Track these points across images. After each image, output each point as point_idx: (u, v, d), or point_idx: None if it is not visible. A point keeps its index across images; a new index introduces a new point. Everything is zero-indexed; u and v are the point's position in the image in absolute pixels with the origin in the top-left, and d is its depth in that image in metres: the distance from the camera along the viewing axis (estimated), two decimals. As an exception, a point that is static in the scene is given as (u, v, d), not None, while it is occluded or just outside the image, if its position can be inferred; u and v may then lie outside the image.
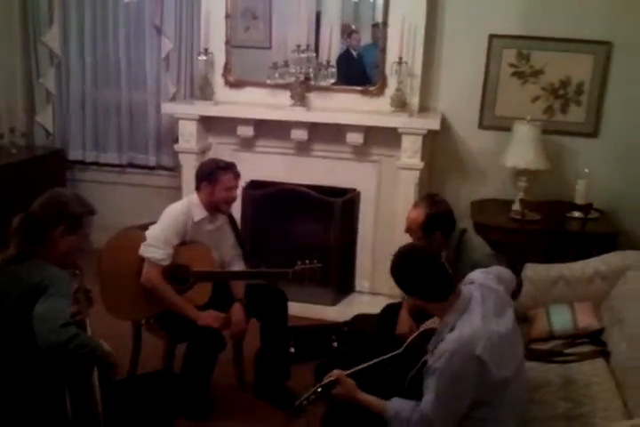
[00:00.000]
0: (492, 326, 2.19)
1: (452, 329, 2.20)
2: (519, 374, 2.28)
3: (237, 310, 3.19)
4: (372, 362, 2.52)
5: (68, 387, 2.16)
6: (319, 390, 2.36)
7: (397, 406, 2.26)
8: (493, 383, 2.15)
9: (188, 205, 3.21)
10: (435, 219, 2.93)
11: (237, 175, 3.24)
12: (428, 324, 2.62)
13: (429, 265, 2.27)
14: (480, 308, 2.22)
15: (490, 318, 2.20)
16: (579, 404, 2.51)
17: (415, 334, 2.60)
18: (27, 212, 2.31)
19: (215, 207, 3.22)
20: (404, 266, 2.31)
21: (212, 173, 3.17)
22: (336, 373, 2.40)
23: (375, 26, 4.46)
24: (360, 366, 2.48)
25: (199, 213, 3.20)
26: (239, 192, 3.44)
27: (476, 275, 2.40)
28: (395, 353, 2.57)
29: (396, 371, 2.56)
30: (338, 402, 2.42)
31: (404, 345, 2.59)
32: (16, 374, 2.17)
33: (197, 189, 3.24)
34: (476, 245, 3.00)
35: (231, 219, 3.39)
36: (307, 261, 3.20)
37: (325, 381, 2.38)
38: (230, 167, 3.22)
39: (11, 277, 2.21)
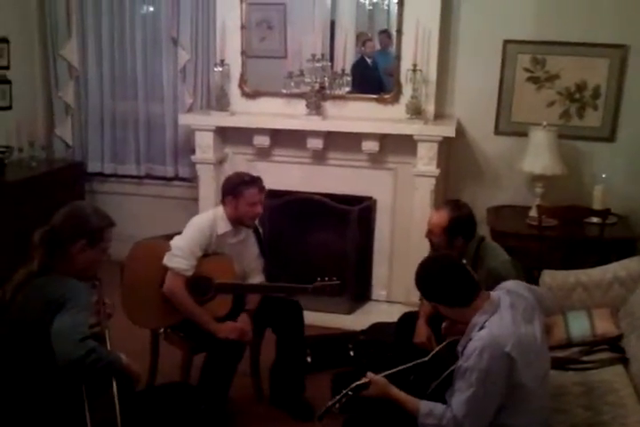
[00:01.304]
0: (521, 329, 2.19)
1: (480, 328, 2.21)
2: (545, 382, 2.27)
3: (244, 321, 3.19)
4: (402, 367, 2.52)
5: (88, 400, 2.17)
6: (350, 392, 2.37)
7: (432, 405, 2.27)
8: (521, 385, 2.14)
9: (213, 217, 3.22)
10: (459, 222, 2.93)
11: (262, 190, 3.23)
12: (444, 327, 2.62)
13: (452, 270, 2.31)
14: (509, 311, 2.23)
15: (519, 322, 2.21)
16: (598, 412, 2.49)
17: (443, 344, 2.59)
18: (48, 226, 2.33)
19: (239, 221, 3.23)
20: (428, 274, 2.35)
21: (237, 188, 3.18)
22: (368, 375, 2.40)
23: (382, 32, 4.48)
24: (390, 371, 2.47)
25: (223, 226, 3.21)
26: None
27: (508, 283, 2.42)
28: (421, 361, 2.56)
29: (419, 379, 2.55)
30: (366, 405, 2.42)
31: (431, 354, 2.58)
32: (36, 387, 2.19)
33: (223, 202, 3.25)
34: (493, 252, 2.99)
35: (256, 231, 3.41)
36: (326, 278, 3.18)
37: (356, 383, 2.38)
38: (255, 182, 3.21)
39: (32, 292, 2.23)
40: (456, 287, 2.28)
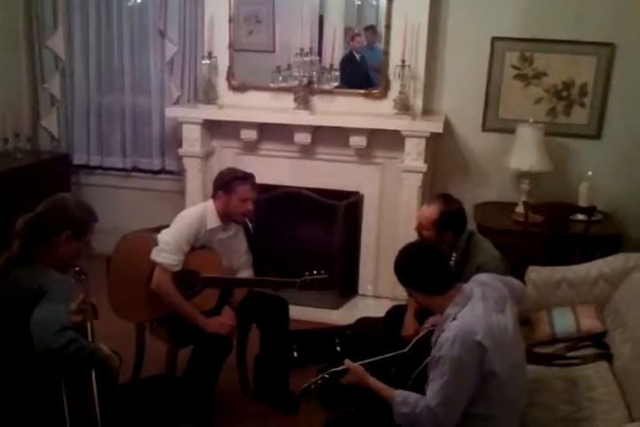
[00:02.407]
0: (492, 318, 2.21)
1: (453, 319, 2.23)
2: (519, 373, 2.28)
3: (227, 314, 3.18)
4: (380, 358, 2.56)
5: (66, 391, 2.16)
6: (327, 375, 2.40)
7: (405, 393, 2.29)
8: (493, 375, 2.16)
9: (202, 212, 3.20)
10: (450, 217, 2.94)
11: (254, 187, 3.21)
12: (431, 321, 2.63)
13: (429, 256, 2.35)
14: (481, 302, 2.25)
15: (491, 312, 2.23)
16: (581, 407, 2.52)
17: (421, 335, 2.61)
18: (33, 214, 2.32)
19: (229, 217, 3.21)
20: (406, 258, 2.38)
21: (229, 183, 3.16)
22: (346, 362, 2.42)
23: (368, 28, 4.48)
24: (368, 360, 2.50)
25: (213, 221, 3.19)
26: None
27: (481, 276, 2.44)
28: (400, 352, 2.60)
29: (399, 371, 2.57)
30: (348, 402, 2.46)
31: (410, 345, 2.62)
32: (14, 377, 2.18)
33: (214, 197, 3.22)
34: (483, 247, 3.00)
35: (245, 226, 3.39)
36: (314, 272, 3.18)
37: (333, 369, 2.40)
38: (248, 178, 3.19)
39: (11, 282, 2.21)
40: (432, 274, 2.32)
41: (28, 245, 2.27)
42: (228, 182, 3.17)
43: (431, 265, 2.33)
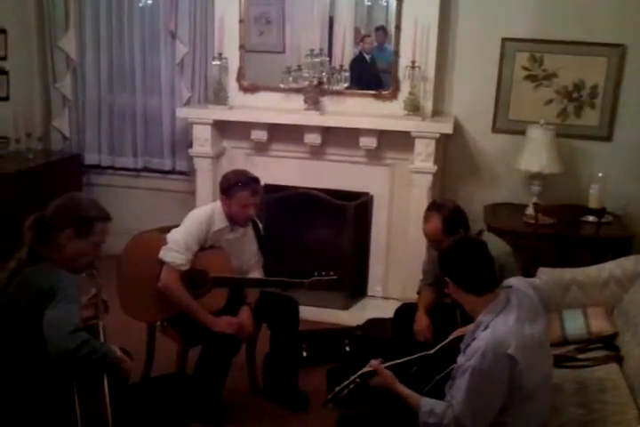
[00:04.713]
0: (525, 330, 2.19)
1: (485, 328, 2.21)
2: (546, 382, 2.27)
3: (245, 314, 3.20)
4: (407, 359, 2.54)
5: (78, 392, 2.16)
6: (358, 379, 2.38)
7: (433, 403, 2.27)
8: (523, 386, 2.14)
9: (211, 212, 3.21)
10: (452, 219, 3.00)
11: (256, 192, 3.19)
12: (460, 331, 2.62)
13: (483, 256, 2.32)
14: (515, 311, 2.22)
15: (524, 323, 2.21)
16: (592, 410, 2.50)
17: (450, 338, 2.60)
18: (40, 213, 2.32)
19: (233, 220, 3.23)
20: (460, 249, 2.35)
21: (230, 189, 3.16)
22: (374, 363, 2.42)
23: (379, 29, 4.48)
24: (394, 362, 2.49)
25: (220, 222, 3.21)
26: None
27: (513, 280, 2.40)
28: (425, 353, 2.58)
29: (421, 372, 2.56)
30: (372, 393, 2.44)
31: (437, 347, 2.59)
32: (26, 378, 2.18)
33: (220, 199, 3.25)
34: (494, 242, 3.01)
35: (255, 227, 3.40)
36: (323, 273, 3.19)
37: (364, 370, 2.40)
38: (249, 184, 3.17)
39: (22, 282, 2.22)
40: (479, 272, 2.28)
41: (34, 242, 2.27)
42: (229, 188, 3.17)
43: (481, 263, 2.30)
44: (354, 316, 4.27)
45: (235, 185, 3.16)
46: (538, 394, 2.20)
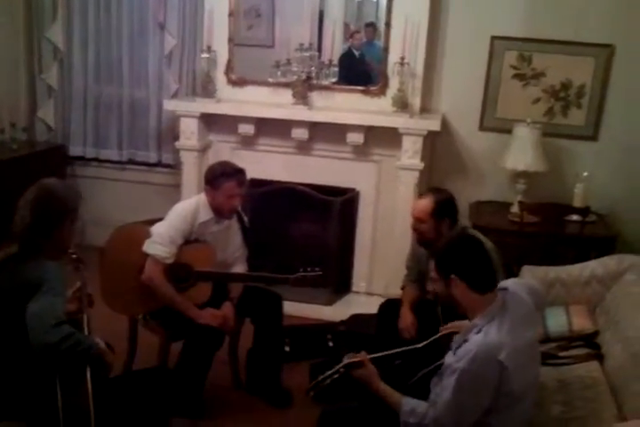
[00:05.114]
0: (517, 337, 2.17)
1: (478, 332, 2.19)
2: (533, 387, 2.27)
3: (227, 309, 3.19)
4: (394, 351, 2.53)
5: (60, 384, 2.16)
6: (342, 369, 2.36)
7: (414, 402, 2.26)
8: (510, 391, 2.13)
9: (196, 204, 3.21)
10: (444, 204, 3.05)
11: (241, 183, 3.19)
12: (452, 325, 2.61)
13: (487, 251, 2.30)
14: (510, 317, 2.20)
15: (517, 329, 2.19)
16: (573, 407, 2.52)
17: (441, 334, 2.59)
18: (30, 212, 2.28)
19: (217, 212, 3.22)
20: (467, 245, 2.31)
21: (216, 179, 3.16)
22: (361, 355, 2.40)
23: (368, 26, 4.48)
24: (381, 353, 2.48)
25: (205, 214, 3.20)
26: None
27: (509, 283, 2.34)
28: (413, 347, 2.57)
29: (405, 365, 2.56)
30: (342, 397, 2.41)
31: (426, 342, 2.59)
32: (8, 369, 2.18)
33: (205, 190, 3.24)
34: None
35: (240, 220, 3.39)
36: (308, 269, 3.18)
37: (350, 360, 2.38)
38: (234, 175, 3.17)
39: (8, 274, 2.21)
40: (484, 267, 2.26)
41: (32, 241, 2.26)
42: (214, 178, 3.16)
43: (487, 259, 2.27)
44: (337, 311, 4.27)
45: (220, 176, 3.15)
46: (525, 396, 2.20)
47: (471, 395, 2.13)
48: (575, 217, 4.01)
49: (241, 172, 3.21)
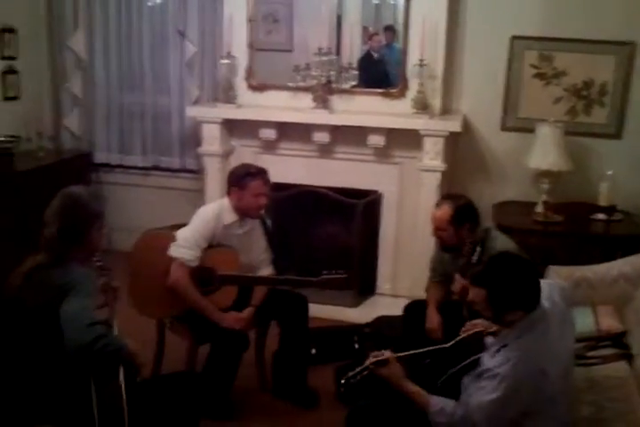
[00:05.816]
0: (559, 343, 2.19)
1: (518, 337, 2.19)
2: (569, 389, 2.27)
3: (248, 313, 3.21)
4: (421, 351, 2.53)
5: (95, 386, 2.19)
6: (372, 366, 2.37)
7: (442, 401, 2.27)
8: (549, 397, 2.13)
9: (219, 208, 3.24)
10: (462, 211, 3.05)
11: (267, 182, 3.25)
12: (477, 323, 2.59)
13: (535, 273, 2.26)
14: (549, 322, 2.20)
15: (555, 332, 2.20)
16: (602, 408, 2.49)
17: (469, 333, 2.59)
18: (57, 220, 2.32)
19: (244, 212, 3.25)
20: (516, 267, 2.25)
21: (242, 179, 3.20)
22: (388, 353, 2.41)
23: (388, 28, 4.48)
24: (410, 352, 2.49)
25: (229, 217, 3.23)
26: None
27: (545, 286, 2.32)
28: (441, 346, 2.57)
29: (434, 364, 2.56)
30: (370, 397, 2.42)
31: (454, 341, 2.57)
32: (44, 373, 2.21)
33: (228, 193, 3.27)
34: (501, 242, 3.03)
35: (264, 223, 3.42)
36: (333, 271, 3.18)
37: (378, 358, 2.39)
38: (260, 174, 3.24)
39: (39, 280, 2.25)
40: (534, 291, 2.21)
41: (59, 250, 2.29)
42: (240, 178, 3.21)
43: (535, 280, 2.22)
44: (363, 313, 4.28)
45: (246, 176, 3.21)
46: (561, 400, 2.19)
47: (510, 399, 2.13)
48: (601, 216, 3.97)
49: (264, 171, 3.27)
